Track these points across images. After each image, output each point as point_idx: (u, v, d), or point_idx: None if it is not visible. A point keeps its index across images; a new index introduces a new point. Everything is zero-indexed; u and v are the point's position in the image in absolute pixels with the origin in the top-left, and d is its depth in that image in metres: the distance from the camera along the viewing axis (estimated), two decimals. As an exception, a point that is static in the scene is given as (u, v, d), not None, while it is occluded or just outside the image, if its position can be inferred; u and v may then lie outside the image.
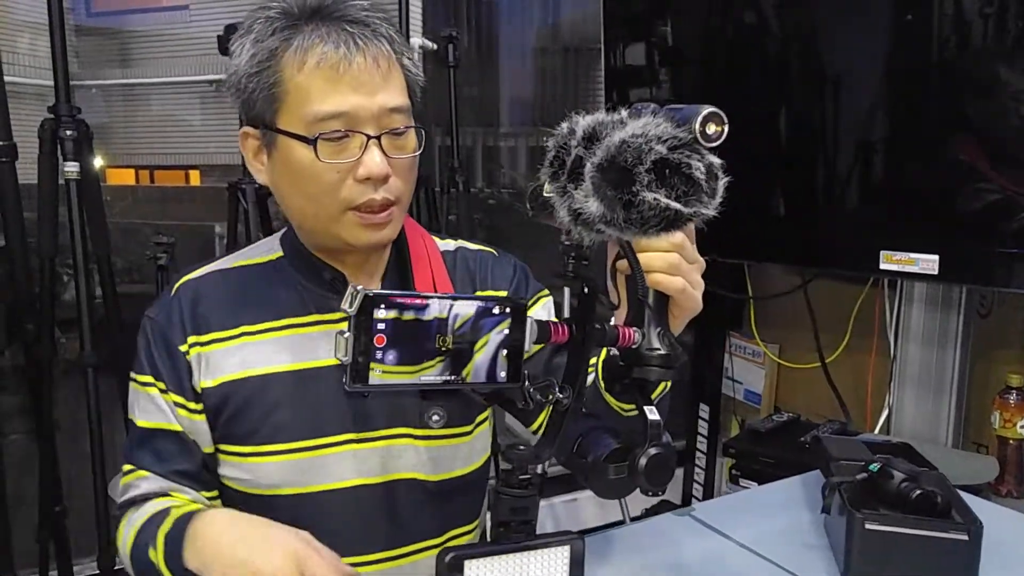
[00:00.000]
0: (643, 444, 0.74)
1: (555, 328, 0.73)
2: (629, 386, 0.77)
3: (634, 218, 0.65)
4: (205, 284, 1.04)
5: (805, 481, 1.46)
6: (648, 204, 0.65)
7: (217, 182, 3.30)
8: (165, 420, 1.01)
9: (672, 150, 0.65)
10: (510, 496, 0.76)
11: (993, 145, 1.61)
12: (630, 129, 0.66)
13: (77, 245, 1.84)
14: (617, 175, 0.65)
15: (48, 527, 2.02)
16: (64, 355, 2.13)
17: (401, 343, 0.64)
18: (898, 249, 1.73)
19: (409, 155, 0.97)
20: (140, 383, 1.03)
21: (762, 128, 2.00)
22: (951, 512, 1.13)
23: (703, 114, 0.68)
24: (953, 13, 1.64)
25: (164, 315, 1.02)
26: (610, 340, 0.76)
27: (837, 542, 1.17)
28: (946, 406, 1.88)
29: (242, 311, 1.02)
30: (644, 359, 0.76)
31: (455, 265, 1.14)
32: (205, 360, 1.01)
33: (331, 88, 0.91)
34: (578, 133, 0.69)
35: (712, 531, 1.27)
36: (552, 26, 3.33)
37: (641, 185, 0.65)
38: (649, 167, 0.65)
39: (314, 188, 0.95)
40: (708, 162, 0.67)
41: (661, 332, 0.77)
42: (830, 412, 2.24)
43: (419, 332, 0.64)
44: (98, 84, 3.19)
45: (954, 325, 1.86)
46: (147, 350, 1.02)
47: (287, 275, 1.04)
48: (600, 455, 0.76)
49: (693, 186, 0.66)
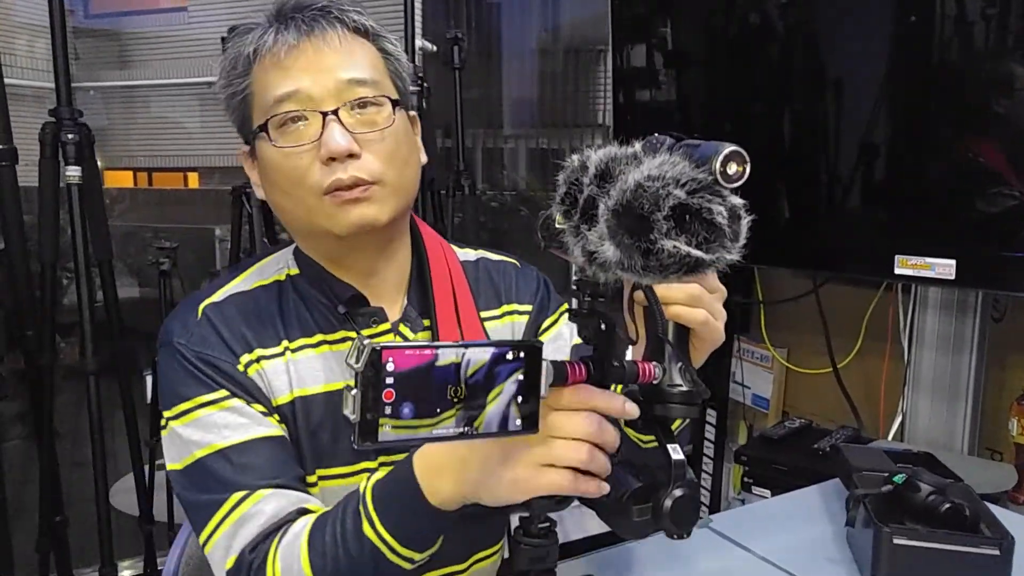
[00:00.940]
0: (667, 484, 0.70)
1: (572, 368, 0.69)
2: (650, 422, 0.73)
3: (653, 265, 0.62)
4: (230, 306, 0.96)
5: (824, 491, 1.44)
6: (668, 252, 0.61)
7: (217, 185, 3.29)
8: (265, 428, 0.90)
9: (692, 194, 0.62)
10: (530, 546, 0.73)
11: (1011, 148, 1.59)
12: (646, 169, 0.62)
13: (79, 250, 1.81)
14: (634, 222, 0.62)
15: (49, 537, 1.99)
16: (63, 360, 2.10)
17: (411, 397, 0.60)
18: (913, 253, 1.71)
19: (379, 128, 0.91)
20: (206, 403, 0.90)
21: (775, 130, 1.98)
22: (979, 525, 1.11)
23: (724, 153, 0.64)
24: (972, 13, 1.62)
25: (197, 338, 0.92)
26: (630, 378, 0.72)
27: (862, 556, 1.14)
28: (962, 412, 1.86)
29: (278, 328, 0.95)
30: (665, 396, 0.72)
31: (477, 278, 1.08)
32: (262, 377, 0.93)
33: (282, 74, 0.89)
34: (590, 170, 0.65)
35: (732, 543, 1.25)
36: (554, 28, 3.31)
37: (660, 233, 0.61)
38: (668, 213, 0.61)
39: (284, 180, 0.91)
40: (730, 204, 0.64)
41: (682, 367, 0.73)
42: (840, 417, 2.22)
43: (431, 384, 0.61)
44: (96, 86, 3.17)
45: (969, 330, 1.83)
46: (193, 373, 0.91)
47: (307, 293, 0.98)
48: (622, 494, 0.73)
49: (715, 231, 0.62)
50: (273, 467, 0.88)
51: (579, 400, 0.69)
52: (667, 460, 0.71)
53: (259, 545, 0.83)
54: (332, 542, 0.79)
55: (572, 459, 0.68)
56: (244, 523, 0.85)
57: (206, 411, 0.90)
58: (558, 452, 0.68)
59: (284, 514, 0.85)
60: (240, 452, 0.88)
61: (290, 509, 0.86)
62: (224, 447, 0.88)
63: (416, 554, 0.78)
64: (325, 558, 0.79)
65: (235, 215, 2.08)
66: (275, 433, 0.91)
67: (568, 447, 0.68)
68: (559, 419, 0.68)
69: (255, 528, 0.84)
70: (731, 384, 2.62)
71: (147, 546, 2.21)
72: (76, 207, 1.80)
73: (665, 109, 2.23)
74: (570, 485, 0.69)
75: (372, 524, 0.78)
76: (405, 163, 0.94)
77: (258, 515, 0.85)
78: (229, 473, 0.87)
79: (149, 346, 2.30)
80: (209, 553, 0.87)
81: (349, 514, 0.80)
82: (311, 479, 0.94)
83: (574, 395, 0.68)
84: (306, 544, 0.81)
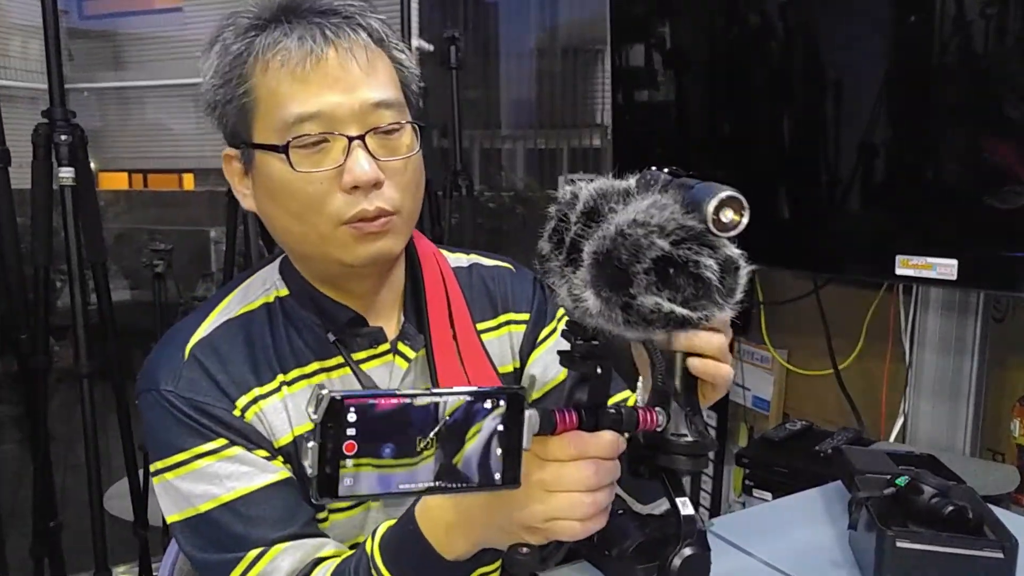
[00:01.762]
0: (676, 540, 0.65)
1: (561, 416, 0.64)
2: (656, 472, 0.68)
3: (634, 320, 0.57)
4: (218, 340, 0.89)
5: (825, 493, 1.43)
6: (649, 309, 0.56)
7: (213, 187, 3.27)
8: (269, 474, 0.85)
9: (677, 244, 0.56)
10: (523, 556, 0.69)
11: (1015, 146, 1.58)
12: (631, 212, 0.57)
13: (72, 252, 1.80)
14: (613, 273, 0.57)
15: (42, 542, 1.98)
16: (57, 363, 2.09)
17: (375, 449, 0.56)
18: (915, 254, 1.70)
19: (403, 157, 0.86)
20: (205, 453, 0.84)
21: (775, 130, 1.97)
22: (983, 528, 1.09)
23: (718, 199, 0.58)
24: (971, 12, 1.61)
25: (185, 383, 0.86)
26: (628, 425, 0.67)
27: (865, 560, 1.13)
28: (963, 414, 1.84)
29: (271, 360, 0.90)
30: (670, 446, 0.67)
31: (471, 286, 1.04)
32: (261, 420, 0.88)
33: (301, 87, 0.81)
34: (578, 207, 0.60)
35: (733, 547, 1.23)
36: (551, 28, 3.31)
37: (640, 287, 0.56)
38: (648, 266, 0.56)
39: (297, 205, 0.83)
40: (724, 256, 0.58)
41: (689, 415, 0.67)
42: (840, 419, 2.21)
43: (398, 435, 0.56)
44: (91, 87, 3.16)
45: (971, 331, 1.82)
46: (185, 423, 0.85)
47: (298, 316, 0.93)
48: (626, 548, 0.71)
49: (703, 286, 0.57)
50: (284, 516, 0.84)
51: (572, 451, 0.65)
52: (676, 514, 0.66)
53: None
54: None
55: (575, 513, 0.65)
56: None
57: (205, 461, 0.85)
58: (560, 507, 0.65)
59: (300, 569, 0.82)
60: (248, 504, 0.84)
61: (306, 561, 0.83)
62: (230, 500, 0.84)
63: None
64: None
65: (230, 217, 2.07)
66: (281, 477, 0.87)
67: (569, 501, 0.65)
68: (553, 472, 0.65)
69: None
70: (732, 386, 2.60)
71: (142, 551, 2.20)
72: (69, 209, 1.79)
73: (664, 109, 2.21)
74: (581, 529, 0.66)
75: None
76: (417, 189, 0.90)
77: (275, 572, 0.82)
78: (240, 528, 0.83)
79: (144, 348, 2.30)
80: None
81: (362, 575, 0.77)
82: (321, 515, 0.91)
83: (566, 446, 0.65)
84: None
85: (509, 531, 0.67)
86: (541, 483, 0.64)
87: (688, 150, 2.15)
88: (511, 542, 0.69)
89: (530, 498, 0.65)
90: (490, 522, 0.69)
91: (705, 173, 0.63)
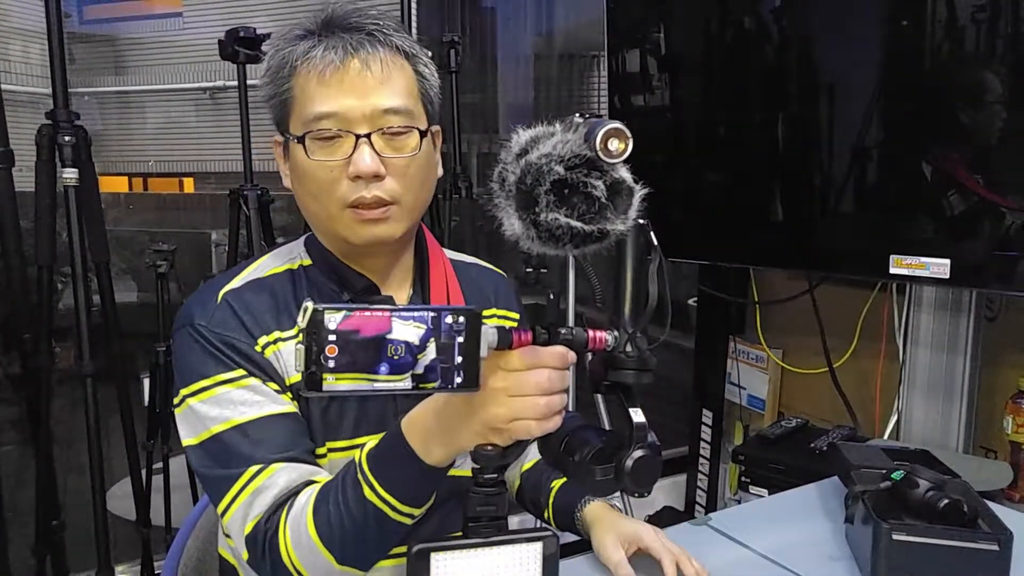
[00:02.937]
0: (629, 445, 0.76)
1: (518, 334, 0.75)
2: (612, 387, 0.79)
3: (545, 236, 0.69)
4: (248, 291, 1.01)
5: (821, 489, 1.45)
6: (551, 224, 0.68)
7: (213, 189, 3.28)
8: (279, 405, 0.96)
9: (571, 169, 0.68)
10: (479, 494, 0.77)
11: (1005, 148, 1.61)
12: (545, 147, 0.69)
13: (76, 253, 1.81)
14: (523, 197, 0.69)
15: (45, 541, 1.98)
16: (59, 364, 2.10)
17: (352, 352, 0.66)
18: (908, 253, 1.72)
19: (407, 156, 0.98)
20: (224, 381, 0.95)
21: (770, 131, 1.99)
22: (978, 521, 1.12)
23: (603, 130, 0.68)
24: (963, 17, 1.63)
25: (217, 320, 0.98)
26: (578, 344, 0.77)
27: (862, 553, 1.15)
28: (957, 411, 1.87)
29: (292, 312, 1.01)
30: (618, 362, 0.78)
31: (468, 280, 1.16)
32: (278, 359, 0.98)
33: (325, 91, 0.95)
34: (513, 150, 0.71)
35: (731, 541, 1.25)
36: (547, 33, 3.32)
37: (542, 206, 0.68)
38: (548, 188, 0.68)
39: (313, 187, 0.98)
40: (613, 179, 0.69)
41: (632, 336, 0.78)
42: (835, 417, 2.23)
43: (373, 341, 0.67)
44: (91, 92, 3.17)
45: (964, 329, 1.85)
46: (212, 353, 0.96)
47: (320, 282, 1.05)
48: (586, 453, 0.78)
49: (594, 204, 0.68)
50: (286, 442, 0.95)
51: (527, 361, 0.75)
52: (628, 422, 0.76)
53: (271, 516, 0.90)
54: (336, 511, 0.86)
55: (532, 413, 0.76)
56: (259, 494, 0.91)
57: (224, 388, 0.95)
58: (519, 409, 0.75)
59: (294, 486, 0.92)
60: (256, 428, 0.94)
61: (299, 481, 0.92)
62: (241, 422, 0.94)
63: (416, 510, 0.86)
64: (331, 526, 0.86)
65: (233, 218, 2.08)
66: (288, 410, 0.97)
67: (526, 404, 0.75)
68: (513, 380, 0.75)
69: (269, 498, 0.91)
70: (727, 385, 2.63)
71: (144, 550, 2.21)
72: (73, 209, 1.80)
73: (661, 113, 2.24)
74: (537, 428, 0.76)
75: (373, 488, 0.84)
76: (422, 185, 1.02)
77: (272, 487, 0.91)
78: (246, 447, 0.93)
79: (147, 349, 2.31)
80: (228, 523, 0.93)
81: (349, 482, 0.86)
82: (321, 451, 1.00)
83: (522, 357, 0.75)
84: (311, 514, 0.87)
85: (480, 433, 0.78)
86: (504, 390, 0.75)
87: (685, 152, 2.17)
88: (482, 443, 0.79)
89: (495, 403, 0.76)
90: (463, 427, 0.79)
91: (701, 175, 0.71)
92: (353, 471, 0.87)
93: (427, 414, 0.83)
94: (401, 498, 0.84)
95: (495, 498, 0.78)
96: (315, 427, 0.99)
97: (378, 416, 1.02)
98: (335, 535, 0.86)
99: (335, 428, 1.00)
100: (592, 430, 0.81)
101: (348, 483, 0.86)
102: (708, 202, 2.09)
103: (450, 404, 0.80)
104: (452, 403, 0.80)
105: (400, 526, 0.86)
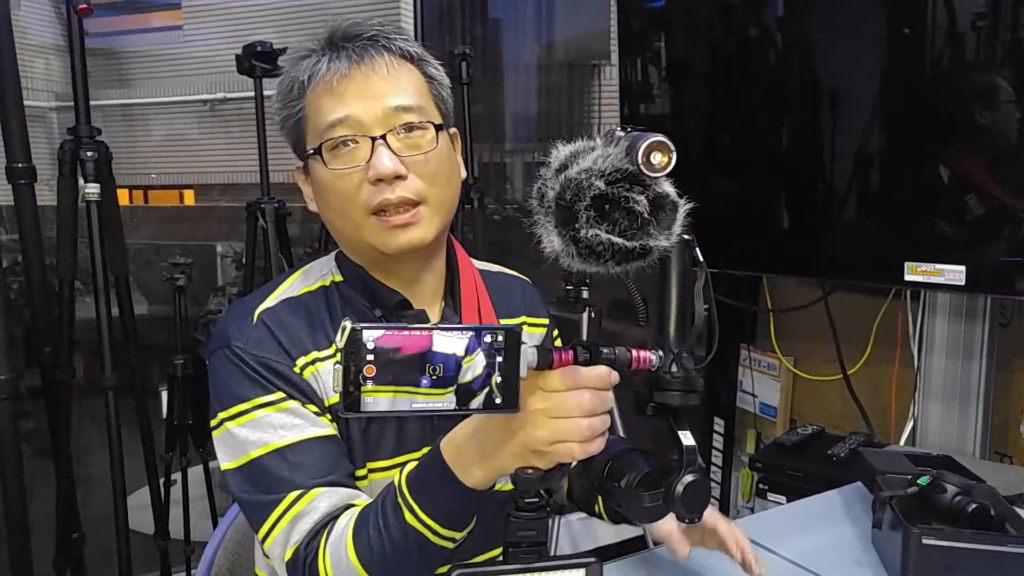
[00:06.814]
0: (678, 470, 0.73)
1: (558, 354, 0.73)
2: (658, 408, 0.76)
3: (585, 253, 0.67)
4: (283, 311, 1.00)
5: (844, 494, 1.46)
6: (592, 240, 0.66)
7: (215, 202, 3.30)
8: (318, 428, 0.95)
9: (611, 184, 0.66)
10: (520, 519, 0.76)
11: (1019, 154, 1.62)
12: (585, 162, 0.67)
13: (98, 266, 1.82)
14: (563, 213, 0.67)
15: (65, 555, 1.99)
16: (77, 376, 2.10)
17: (391, 372, 0.66)
18: (923, 260, 1.73)
19: (424, 151, 0.97)
20: (263, 404, 0.95)
21: (784, 138, 2.01)
22: (1005, 525, 1.13)
23: (646, 144, 0.67)
24: (963, 24, 1.65)
25: (254, 342, 0.97)
26: (621, 364, 0.75)
27: (890, 558, 1.16)
28: (972, 417, 1.88)
29: (328, 331, 1.00)
30: (663, 383, 0.75)
31: (496, 287, 1.15)
32: (316, 379, 0.98)
33: (335, 101, 0.95)
34: (553, 166, 0.70)
35: (757, 546, 1.26)
36: (548, 43, 3.34)
37: (583, 222, 0.66)
38: (588, 203, 0.66)
39: (335, 199, 0.97)
40: (655, 193, 0.68)
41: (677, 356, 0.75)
42: (847, 424, 2.24)
43: (410, 361, 0.66)
44: (94, 105, 3.18)
45: (979, 335, 1.86)
46: (250, 376, 0.95)
47: (351, 299, 1.03)
48: (634, 478, 0.77)
49: (636, 219, 0.66)
50: (325, 465, 0.94)
51: (568, 381, 0.74)
52: (679, 446, 0.74)
53: (311, 541, 0.89)
54: (376, 534, 0.85)
55: (574, 436, 0.74)
56: (299, 520, 0.90)
57: (263, 412, 0.95)
58: (560, 431, 0.74)
59: (334, 510, 0.91)
60: (296, 451, 0.93)
61: (340, 505, 0.91)
62: (281, 446, 0.93)
63: (457, 533, 0.84)
64: (371, 550, 0.85)
65: (250, 230, 2.10)
66: (328, 432, 0.96)
67: (568, 425, 0.74)
68: (554, 401, 0.74)
69: (309, 524, 0.90)
70: (738, 393, 2.64)
71: (162, 563, 2.21)
72: (96, 224, 1.81)
73: (671, 120, 2.25)
74: (579, 451, 0.74)
75: (413, 511, 0.83)
76: (447, 182, 1.01)
77: (312, 512, 0.90)
78: (286, 472, 0.92)
79: (161, 361, 2.31)
80: (269, 549, 0.92)
81: (389, 506, 0.85)
82: (361, 472, 0.99)
83: (563, 377, 0.74)
84: (351, 538, 0.86)
85: (520, 455, 0.76)
86: (544, 411, 0.74)
87: (696, 159, 2.19)
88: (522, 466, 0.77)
89: (536, 425, 0.74)
90: (503, 449, 0.77)
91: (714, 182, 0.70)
92: (393, 494, 0.86)
93: (466, 435, 0.82)
94: (442, 521, 0.83)
95: (536, 523, 0.76)
96: (356, 447, 0.99)
97: (419, 435, 1.01)
98: (375, 559, 0.85)
99: (376, 448, 1.00)
100: (638, 453, 0.79)
101: (388, 506, 0.85)
102: (724, 209, 2.10)
103: (489, 425, 0.79)
104: (491, 424, 0.78)
105: (441, 550, 0.84)
